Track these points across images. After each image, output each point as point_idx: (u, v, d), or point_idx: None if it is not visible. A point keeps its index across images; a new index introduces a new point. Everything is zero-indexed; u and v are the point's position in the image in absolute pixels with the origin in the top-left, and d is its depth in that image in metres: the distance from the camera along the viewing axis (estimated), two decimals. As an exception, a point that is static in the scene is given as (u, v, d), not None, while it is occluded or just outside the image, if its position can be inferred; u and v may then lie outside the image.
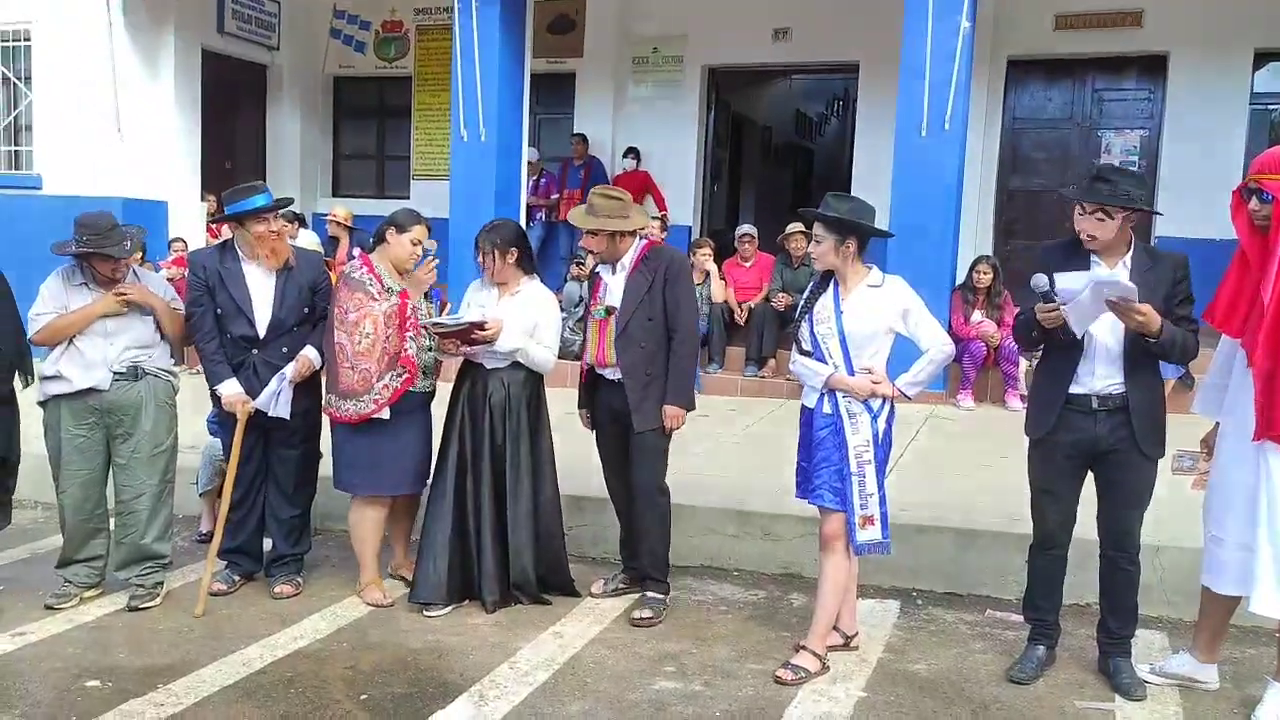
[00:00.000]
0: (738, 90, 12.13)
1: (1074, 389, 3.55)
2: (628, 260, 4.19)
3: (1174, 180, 9.28)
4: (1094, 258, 3.53)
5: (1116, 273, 3.46)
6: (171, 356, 4.36)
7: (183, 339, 4.37)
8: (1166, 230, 9.23)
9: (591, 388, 4.35)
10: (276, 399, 4.22)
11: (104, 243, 4.04)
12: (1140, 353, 3.44)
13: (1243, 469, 3.42)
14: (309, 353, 4.31)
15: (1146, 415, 3.50)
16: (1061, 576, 3.77)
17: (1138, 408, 3.49)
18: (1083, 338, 3.49)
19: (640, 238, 4.26)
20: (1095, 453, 3.56)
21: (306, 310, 4.35)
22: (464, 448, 4.25)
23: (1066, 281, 3.41)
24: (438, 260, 4.43)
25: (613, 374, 4.20)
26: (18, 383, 4.20)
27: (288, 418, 4.26)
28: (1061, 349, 3.55)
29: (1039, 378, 3.75)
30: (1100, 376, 3.50)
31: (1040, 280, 3.46)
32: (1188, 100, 9.35)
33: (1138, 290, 3.30)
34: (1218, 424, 3.62)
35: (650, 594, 4.29)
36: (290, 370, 4.24)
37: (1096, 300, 3.34)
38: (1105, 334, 3.47)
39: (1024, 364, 7.70)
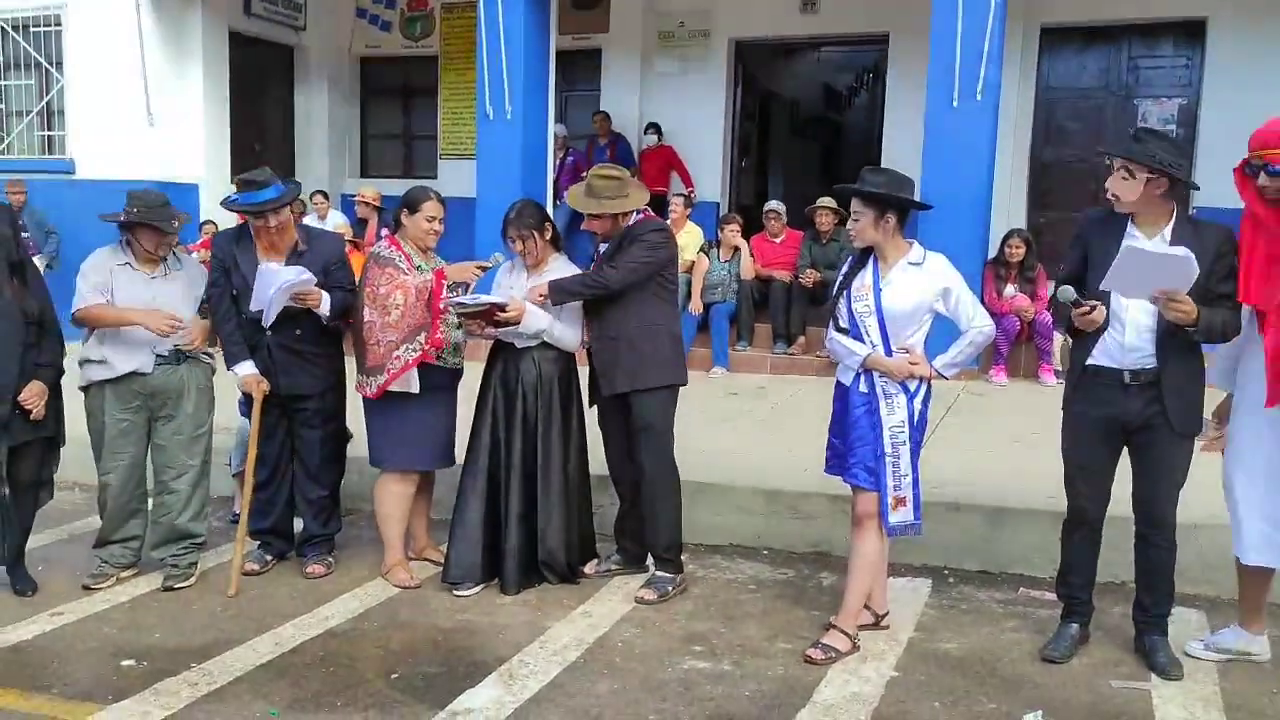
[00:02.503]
0: (765, 64, 11.99)
1: (1105, 362, 3.48)
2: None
3: (1213, 149, 9.05)
4: (1131, 227, 3.44)
5: (1169, 247, 3.34)
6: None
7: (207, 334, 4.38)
8: (1205, 200, 9.01)
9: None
10: (270, 305, 4.12)
11: (153, 216, 4.12)
12: (1174, 328, 3.35)
13: (1260, 440, 3.41)
14: (322, 293, 4.22)
15: (1180, 392, 3.42)
16: (1095, 554, 3.71)
17: (1171, 384, 3.40)
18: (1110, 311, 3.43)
19: (637, 212, 4.20)
20: (1127, 429, 3.50)
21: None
22: (497, 427, 4.26)
23: (1145, 250, 3.28)
24: (490, 265, 4.39)
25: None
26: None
27: (267, 319, 4.17)
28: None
29: (1073, 350, 3.69)
30: (1132, 349, 3.43)
31: (1067, 292, 3.39)
32: (1227, 67, 9.11)
33: (1193, 279, 3.20)
34: (1230, 395, 3.59)
35: (659, 573, 4.27)
36: (292, 275, 4.11)
37: (1147, 277, 3.24)
38: (1137, 307, 3.39)
39: (1058, 339, 7.59)
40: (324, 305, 4.24)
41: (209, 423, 4.37)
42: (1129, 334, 3.43)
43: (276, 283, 4.08)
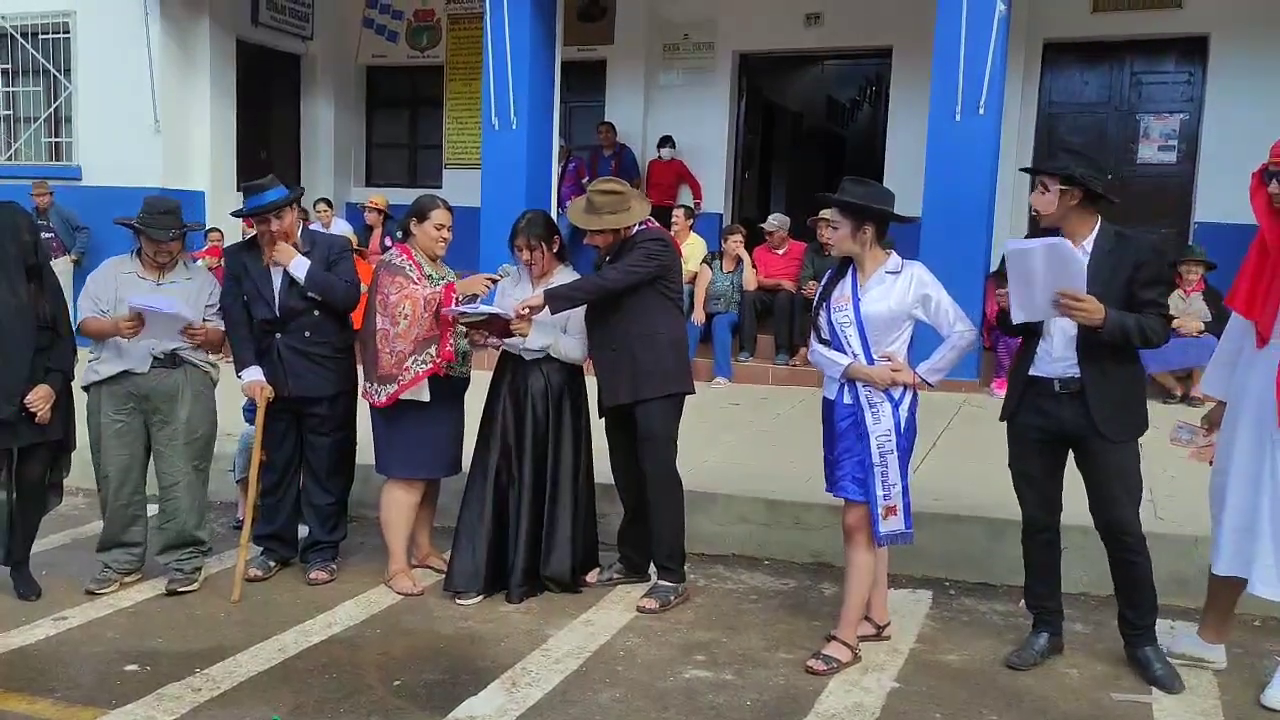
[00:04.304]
0: (769, 76, 12.04)
1: (1037, 371, 3.54)
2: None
3: (1215, 164, 9.11)
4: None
5: (1043, 238, 3.43)
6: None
7: (220, 344, 4.41)
8: (1205, 215, 9.09)
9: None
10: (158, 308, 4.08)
11: (150, 223, 4.17)
12: (1092, 335, 3.39)
13: (1247, 451, 3.44)
14: (296, 254, 4.26)
15: (1105, 399, 3.43)
16: (1055, 561, 3.74)
17: (1094, 391, 3.43)
18: (1042, 320, 3.48)
19: (640, 224, 4.20)
20: (1064, 437, 3.54)
21: None
22: (505, 437, 4.27)
23: (1018, 248, 3.39)
24: (499, 278, 4.41)
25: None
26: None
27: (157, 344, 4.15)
28: (1028, 332, 3.56)
29: (1014, 361, 3.74)
30: (1058, 359, 3.48)
31: (1006, 242, 3.55)
32: (1229, 83, 9.15)
33: (1084, 268, 3.30)
34: (1221, 403, 3.62)
35: (661, 582, 4.27)
36: (161, 301, 4.09)
37: (1042, 280, 3.32)
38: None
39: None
40: (297, 267, 4.23)
41: (205, 429, 4.35)
42: (1057, 343, 3.49)
43: (157, 306, 4.06)
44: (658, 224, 4.33)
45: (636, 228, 4.17)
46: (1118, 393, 3.47)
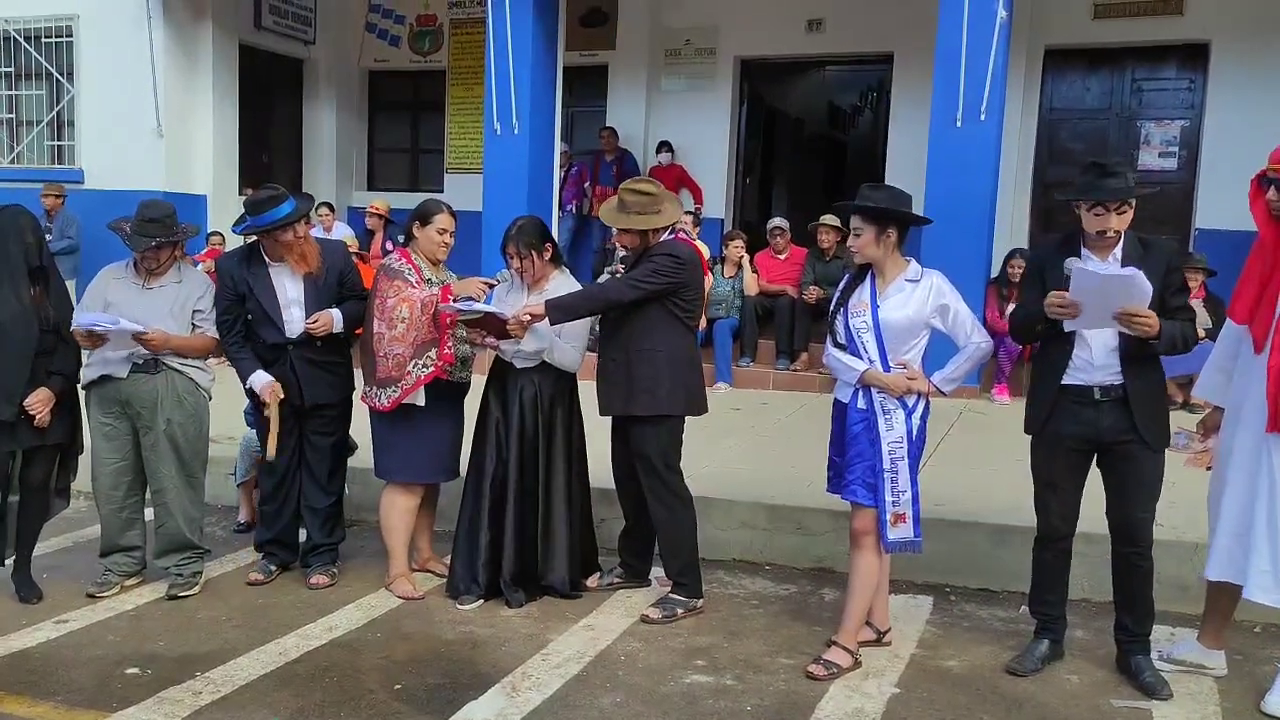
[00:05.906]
0: (770, 82, 12.06)
1: (1073, 380, 3.51)
2: None
3: (1215, 171, 9.12)
4: (1086, 251, 3.50)
5: (1122, 268, 3.40)
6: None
7: (204, 352, 4.34)
8: (1206, 222, 9.09)
9: None
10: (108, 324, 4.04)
11: (134, 229, 4.15)
12: (1136, 344, 3.39)
13: (1243, 457, 3.45)
14: (330, 312, 4.30)
15: (1147, 405, 3.46)
16: (1067, 570, 3.75)
17: (1138, 398, 3.44)
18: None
19: (671, 230, 4.19)
20: (1099, 445, 3.53)
21: (338, 304, 4.39)
22: (498, 443, 4.26)
23: (1081, 277, 3.35)
24: (497, 282, 4.41)
25: None
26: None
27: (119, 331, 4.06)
28: (1057, 340, 3.53)
29: (1036, 371, 3.71)
30: (1100, 367, 3.47)
31: (1071, 263, 3.44)
32: (1230, 90, 9.18)
33: (1150, 294, 3.27)
34: (1217, 408, 3.64)
35: (672, 595, 4.24)
36: (101, 318, 4.04)
37: (1104, 300, 3.30)
38: None
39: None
40: (337, 323, 4.31)
41: (190, 435, 4.25)
42: (1096, 351, 3.47)
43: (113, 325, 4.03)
44: (687, 236, 4.29)
45: (667, 233, 4.15)
46: (1155, 399, 3.50)
